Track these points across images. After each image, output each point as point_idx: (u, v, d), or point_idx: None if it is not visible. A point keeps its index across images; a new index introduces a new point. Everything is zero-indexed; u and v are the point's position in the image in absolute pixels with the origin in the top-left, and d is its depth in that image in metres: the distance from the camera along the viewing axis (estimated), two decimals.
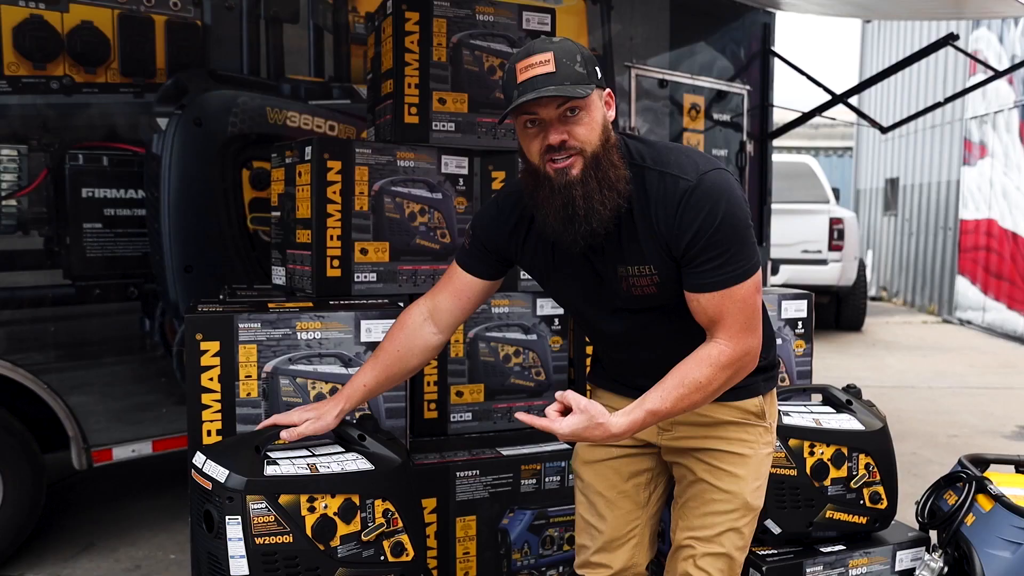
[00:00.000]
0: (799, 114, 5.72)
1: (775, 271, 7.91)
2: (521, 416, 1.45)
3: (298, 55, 3.46)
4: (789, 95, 6.17)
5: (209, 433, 1.89)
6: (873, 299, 11.75)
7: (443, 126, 2.47)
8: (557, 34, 2.60)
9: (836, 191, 9.08)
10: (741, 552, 1.65)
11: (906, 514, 2.25)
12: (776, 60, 5.38)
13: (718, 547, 1.61)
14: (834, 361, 7.12)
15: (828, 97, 5.50)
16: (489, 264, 1.71)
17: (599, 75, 1.47)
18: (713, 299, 1.45)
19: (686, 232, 1.43)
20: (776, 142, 5.87)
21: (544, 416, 1.44)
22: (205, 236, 3.24)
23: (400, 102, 2.42)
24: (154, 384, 3.18)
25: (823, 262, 8.21)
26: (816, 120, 5.73)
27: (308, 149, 2.30)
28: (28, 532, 3.04)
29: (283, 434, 1.62)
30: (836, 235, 8.18)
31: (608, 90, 1.51)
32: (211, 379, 1.87)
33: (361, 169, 2.33)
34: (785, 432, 1.96)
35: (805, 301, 2.44)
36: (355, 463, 1.65)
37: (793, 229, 8.05)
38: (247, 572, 1.48)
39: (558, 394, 1.45)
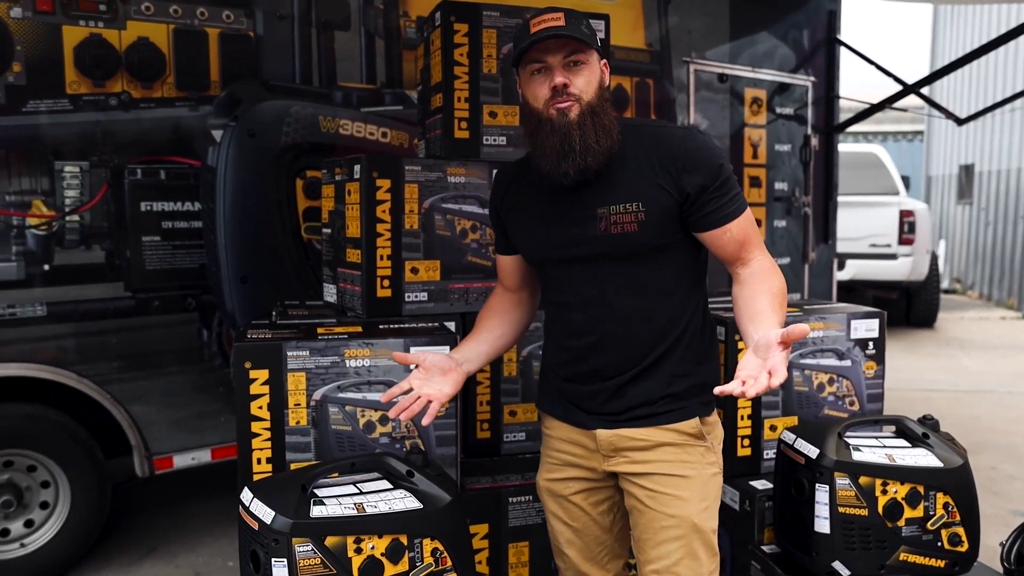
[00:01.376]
0: (866, 105, 5.48)
1: (841, 266, 7.64)
2: (747, 389, 1.35)
3: (350, 62, 3.45)
4: (855, 82, 5.93)
5: (259, 461, 1.87)
6: (946, 292, 11.28)
7: (494, 140, 2.41)
8: (613, 30, 2.54)
9: (906, 179, 8.71)
10: None
11: (985, 539, 2.10)
12: (842, 48, 5.16)
13: None
14: (904, 362, 6.85)
15: (897, 86, 5.25)
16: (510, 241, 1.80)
17: (599, 44, 1.63)
18: (740, 224, 1.61)
19: (699, 170, 1.57)
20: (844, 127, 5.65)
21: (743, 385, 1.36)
22: (260, 247, 3.26)
23: (450, 116, 2.37)
24: (213, 393, 3.22)
25: (893, 256, 7.89)
26: (905, 103, 5.46)
27: (357, 167, 2.27)
28: (95, 536, 3.13)
29: (424, 421, 1.64)
30: (907, 228, 7.85)
31: (604, 61, 1.66)
32: (260, 408, 1.85)
33: (411, 187, 2.29)
34: (855, 469, 1.85)
35: (877, 320, 2.31)
36: (403, 502, 1.61)
37: (860, 222, 7.76)
38: None
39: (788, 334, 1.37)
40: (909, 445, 1.96)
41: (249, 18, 3.22)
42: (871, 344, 2.30)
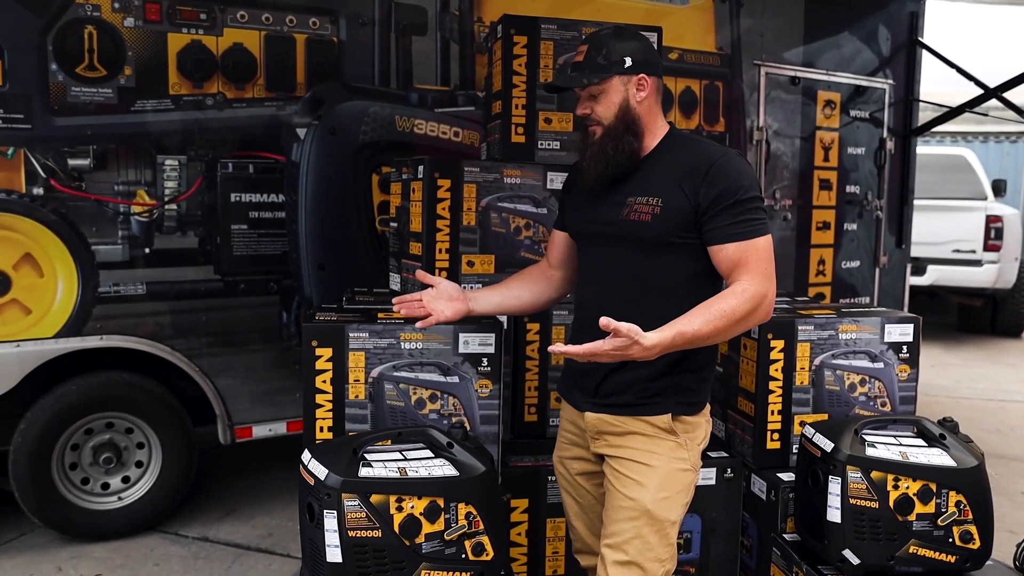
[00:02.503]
0: (951, 106, 5.37)
1: (921, 271, 7.47)
2: (555, 348, 1.61)
3: (426, 65, 3.66)
4: (945, 82, 5.78)
5: (321, 429, 2.10)
6: None
7: (548, 144, 2.58)
8: (683, 34, 2.64)
9: (1002, 183, 8.37)
10: (657, 564, 1.70)
11: None
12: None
13: (622, 555, 1.69)
14: (983, 371, 6.66)
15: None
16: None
17: (627, 64, 1.76)
18: (740, 247, 1.69)
19: (717, 185, 1.69)
20: (938, 127, 5.54)
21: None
22: (337, 237, 3.52)
23: (508, 122, 2.55)
24: (289, 371, 3.49)
25: (977, 263, 7.65)
26: (985, 104, 5.33)
27: (421, 167, 2.47)
28: (182, 495, 3.44)
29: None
30: (993, 234, 7.60)
31: (640, 76, 1.77)
32: (324, 382, 2.08)
33: (469, 187, 2.49)
34: (867, 463, 1.94)
35: (912, 325, 2.37)
36: (441, 469, 1.80)
37: (944, 227, 7.55)
38: (340, 560, 1.67)
39: (603, 321, 1.58)
40: (925, 445, 2.04)
41: (333, 24, 3.47)
42: (905, 348, 2.36)
